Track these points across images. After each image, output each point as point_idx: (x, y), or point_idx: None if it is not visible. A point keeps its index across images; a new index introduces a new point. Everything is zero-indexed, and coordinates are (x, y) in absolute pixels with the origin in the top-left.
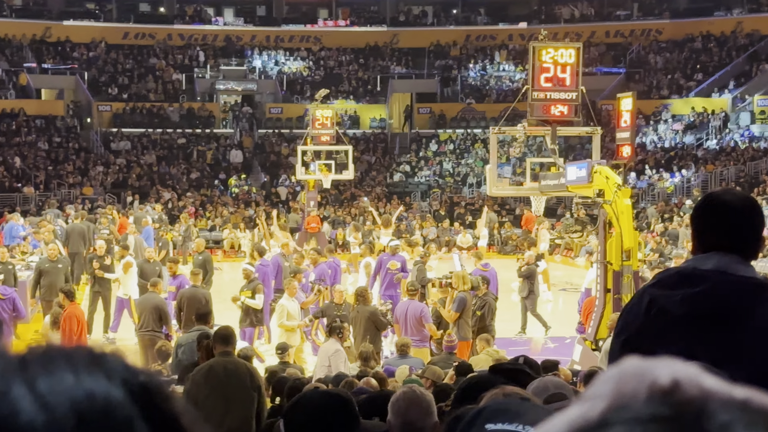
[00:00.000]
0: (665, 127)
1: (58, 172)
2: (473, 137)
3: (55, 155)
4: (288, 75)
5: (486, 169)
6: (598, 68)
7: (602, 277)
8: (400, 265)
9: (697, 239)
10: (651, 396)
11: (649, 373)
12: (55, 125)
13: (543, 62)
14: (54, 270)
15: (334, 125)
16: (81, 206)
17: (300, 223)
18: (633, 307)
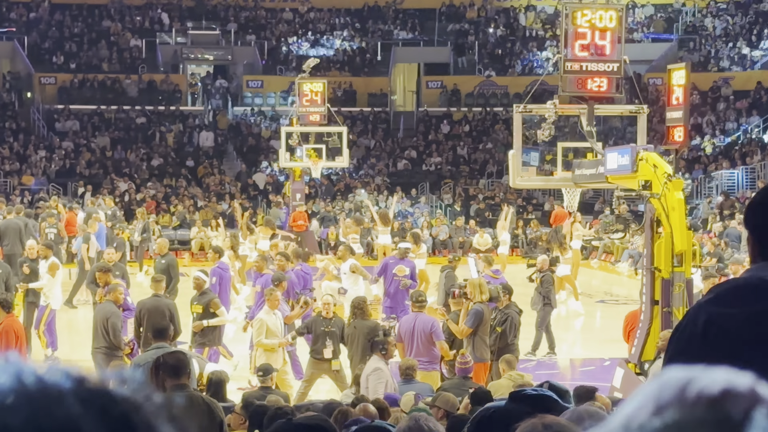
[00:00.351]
0: (725, 105)
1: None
2: (493, 117)
3: None
4: (269, 41)
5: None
6: (644, 34)
7: (649, 286)
8: (409, 271)
9: (758, 243)
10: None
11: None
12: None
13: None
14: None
15: (325, 102)
16: (20, 199)
17: (283, 221)
18: (686, 327)
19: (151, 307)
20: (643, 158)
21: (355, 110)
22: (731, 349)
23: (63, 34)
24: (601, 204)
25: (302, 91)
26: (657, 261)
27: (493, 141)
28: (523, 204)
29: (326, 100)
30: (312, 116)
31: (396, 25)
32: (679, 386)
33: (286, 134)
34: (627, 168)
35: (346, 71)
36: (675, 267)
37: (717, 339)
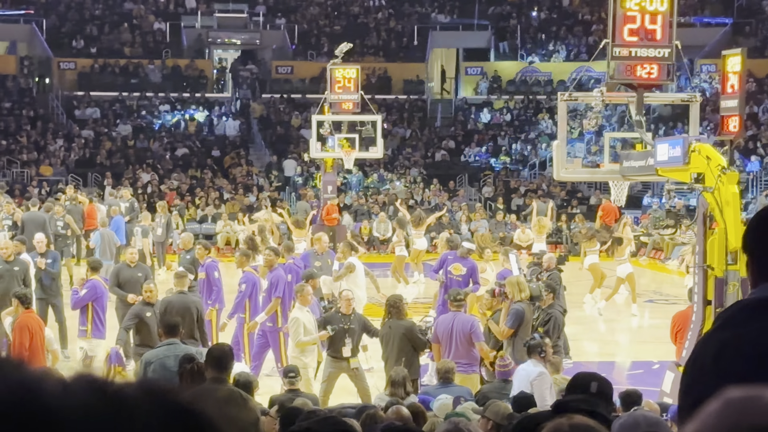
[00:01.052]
0: None
1: (9, 147)
2: (536, 105)
3: (4, 125)
4: (300, 24)
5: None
6: (697, 18)
7: (701, 285)
8: (466, 271)
9: (758, 268)
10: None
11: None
12: (5, 87)
13: (627, 9)
14: (8, 273)
15: (358, 89)
16: (37, 190)
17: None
18: (699, 356)
19: (177, 304)
20: (695, 149)
21: (390, 98)
22: (748, 367)
23: (83, 17)
24: (651, 198)
25: (334, 77)
26: (710, 259)
27: (535, 131)
28: (567, 198)
29: (360, 87)
30: (345, 104)
31: (434, 8)
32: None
33: (317, 123)
34: (678, 160)
35: (380, 56)
36: (729, 265)
37: (732, 360)
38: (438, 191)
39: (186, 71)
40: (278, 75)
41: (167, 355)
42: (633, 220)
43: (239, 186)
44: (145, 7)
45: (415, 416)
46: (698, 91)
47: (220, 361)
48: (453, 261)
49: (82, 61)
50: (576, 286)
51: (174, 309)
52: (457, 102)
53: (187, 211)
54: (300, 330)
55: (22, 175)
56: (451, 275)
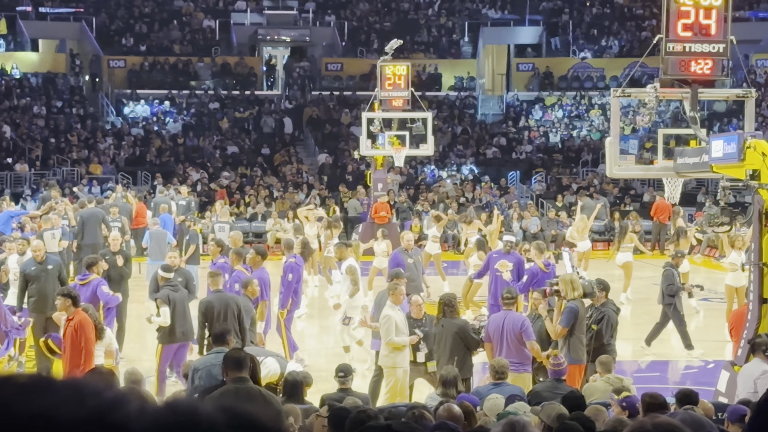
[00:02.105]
0: None
1: (59, 145)
2: (589, 101)
3: (54, 123)
4: (350, 21)
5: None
6: (752, 12)
7: (757, 283)
8: (513, 266)
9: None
10: None
11: None
12: (55, 85)
13: (681, 4)
14: (43, 274)
15: (408, 86)
16: (87, 188)
17: (362, 212)
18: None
19: (217, 303)
20: (751, 146)
21: (441, 95)
22: None
23: (132, 15)
24: (705, 195)
25: (384, 74)
26: (765, 256)
27: (588, 127)
28: (620, 195)
29: (410, 84)
30: (395, 101)
31: (484, 4)
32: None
33: (367, 120)
34: (734, 156)
35: (431, 53)
36: None
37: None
38: (489, 189)
39: (236, 68)
40: (328, 72)
41: (214, 363)
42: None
43: (289, 184)
44: (194, 4)
45: (466, 415)
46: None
47: (238, 362)
48: (498, 258)
49: (131, 58)
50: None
51: (214, 308)
52: (509, 99)
53: (237, 209)
54: (392, 329)
55: (72, 174)
56: (498, 272)
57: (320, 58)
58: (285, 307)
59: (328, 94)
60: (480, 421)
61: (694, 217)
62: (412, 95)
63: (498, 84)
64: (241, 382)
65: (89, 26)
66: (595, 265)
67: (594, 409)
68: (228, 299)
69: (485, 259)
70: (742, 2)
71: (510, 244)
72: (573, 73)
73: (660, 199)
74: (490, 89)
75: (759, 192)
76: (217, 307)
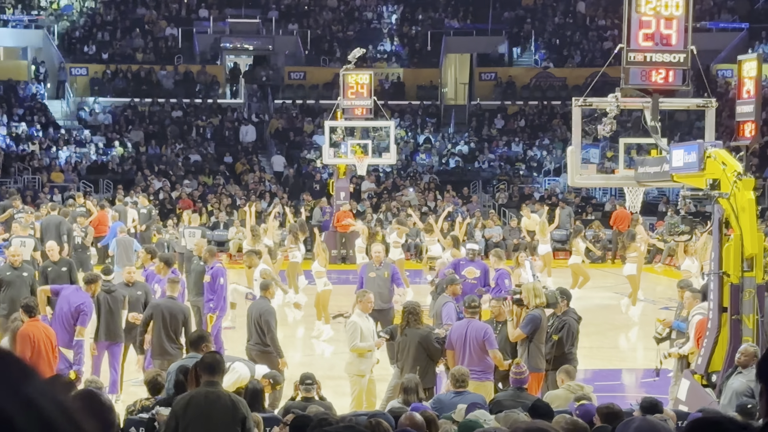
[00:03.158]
0: None
1: (20, 153)
2: (551, 111)
3: (15, 132)
4: (313, 30)
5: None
6: (713, 23)
7: (717, 292)
8: (480, 273)
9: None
10: None
11: None
12: (17, 93)
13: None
14: (18, 280)
15: (371, 95)
16: (49, 197)
17: (325, 221)
18: None
19: (165, 308)
20: (711, 155)
21: (404, 103)
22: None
23: (95, 22)
24: (666, 204)
25: (347, 83)
26: (725, 265)
27: (550, 137)
28: (582, 204)
29: (372, 93)
30: (357, 110)
31: (447, 13)
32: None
33: (330, 129)
34: (694, 166)
35: (393, 62)
36: (745, 272)
37: None
38: (451, 198)
39: (198, 77)
40: (291, 81)
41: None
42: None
43: (251, 192)
44: (157, 12)
45: (429, 424)
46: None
47: (212, 367)
48: (466, 265)
49: (94, 66)
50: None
51: (160, 312)
52: (471, 108)
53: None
54: (357, 335)
55: (34, 182)
56: (466, 279)
57: (283, 66)
58: (216, 311)
59: (291, 102)
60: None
61: (655, 226)
62: (375, 104)
63: (461, 93)
64: (212, 386)
65: (51, 34)
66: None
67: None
68: (174, 307)
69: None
70: (703, 13)
71: (473, 252)
72: (535, 83)
73: (620, 209)
74: (453, 98)
75: (719, 201)
76: (164, 314)
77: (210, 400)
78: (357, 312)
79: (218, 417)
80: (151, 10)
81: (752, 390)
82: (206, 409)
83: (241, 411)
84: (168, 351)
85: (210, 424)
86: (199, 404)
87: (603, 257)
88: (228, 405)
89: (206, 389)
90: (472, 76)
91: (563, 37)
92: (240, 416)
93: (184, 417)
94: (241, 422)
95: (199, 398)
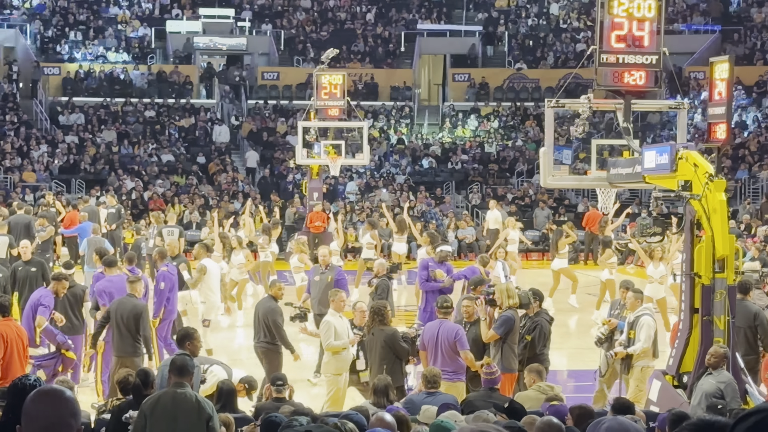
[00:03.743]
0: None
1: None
2: (524, 112)
3: None
4: (287, 30)
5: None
6: (685, 25)
7: (688, 293)
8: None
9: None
10: None
11: None
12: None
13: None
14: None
15: (345, 95)
16: (21, 196)
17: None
18: None
19: (120, 307)
20: (683, 157)
21: (377, 104)
22: None
23: (68, 22)
24: (638, 205)
25: (320, 83)
26: (697, 266)
27: (523, 137)
28: (555, 205)
29: (346, 93)
30: (331, 110)
31: (421, 14)
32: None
33: (303, 129)
34: (666, 167)
35: (367, 63)
36: (716, 273)
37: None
38: (425, 198)
39: (171, 77)
40: (264, 81)
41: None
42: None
43: (224, 193)
44: (130, 12)
45: (399, 424)
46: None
47: (180, 368)
48: (434, 267)
49: (66, 66)
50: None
51: (114, 311)
52: (445, 108)
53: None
54: (331, 333)
55: (6, 182)
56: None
57: (256, 66)
58: (157, 315)
59: (264, 102)
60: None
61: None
62: (348, 104)
63: (434, 94)
64: (180, 387)
65: (24, 33)
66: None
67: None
68: (130, 305)
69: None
70: (676, 15)
71: (444, 254)
72: (508, 84)
73: (591, 210)
74: (426, 99)
75: (691, 202)
76: (117, 312)
77: (177, 400)
78: (331, 311)
79: (184, 417)
80: (124, 10)
81: (722, 391)
82: (173, 409)
83: (206, 411)
84: (124, 349)
85: (176, 424)
86: (166, 404)
87: (576, 258)
88: (194, 405)
89: (174, 390)
90: (446, 77)
91: (536, 39)
92: (205, 416)
93: (152, 416)
94: (206, 422)
95: (166, 399)
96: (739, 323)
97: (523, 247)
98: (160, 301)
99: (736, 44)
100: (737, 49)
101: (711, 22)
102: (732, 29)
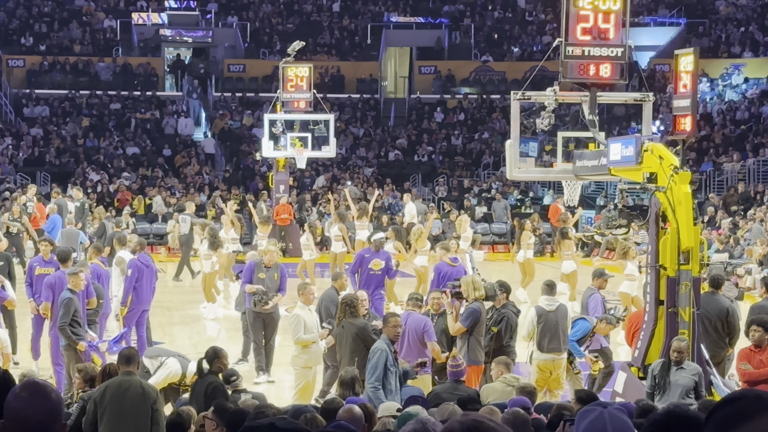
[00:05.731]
0: (736, 93)
1: None
2: (490, 104)
3: None
4: (252, 22)
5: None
6: (650, 18)
7: (653, 285)
8: (385, 263)
9: None
10: None
11: None
12: None
13: (580, 9)
14: None
15: (311, 88)
16: None
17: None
18: None
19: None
20: (648, 149)
21: (343, 97)
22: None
23: (32, 14)
24: (604, 198)
25: (287, 75)
26: (662, 258)
27: (489, 130)
28: (521, 198)
29: (312, 86)
30: (297, 103)
31: (387, 6)
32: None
33: (269, 122)
34: (631, 159)
35: (333, 55)
36: (681, 265)
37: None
38: (391, 191)
39: (137, 69)
40: (230, 73)
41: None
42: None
43: (190, 185)
44: (95, 4)
45: (368, 417)
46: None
47: (127, 358)
48: (371, 258)
49: (31, 58)
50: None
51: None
52: (411, 101)
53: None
54: (300, 328)
55: None
56: (372, 272)
57: (222, 59)
58: (124, 304)
59: (230, 95)
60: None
61: (593, 220)
62: (315, 97)
63: (400, 86)
64: (127, 375)
65: None
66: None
67: (488, 410)
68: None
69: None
70: (641, 7)
71: (380, 242)
72: (475, 76)
73: (553, 204)
74: (393, 92)
75: (656, 195)
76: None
77: (123, 387)
78: (300, 304)
79: (130, 402)
80: (89, 2)
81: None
82: (120, 396)
83: (151, 396)
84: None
85: (123, 408)
86: (114, 391)
87: (542, 251)
88: (139, 391)
89: (121, 378)
90: (412, 70)
91: (502, 31)
92: (150, 401)
93: (101, 403)
94: (151, 405)
95: (113, 386)
96: (710, 317)
97: (489, 240)
98: (127, 289)
99: (701, 37)
100: (702, 42)
101: (676, 15)
102: (697, 22)
